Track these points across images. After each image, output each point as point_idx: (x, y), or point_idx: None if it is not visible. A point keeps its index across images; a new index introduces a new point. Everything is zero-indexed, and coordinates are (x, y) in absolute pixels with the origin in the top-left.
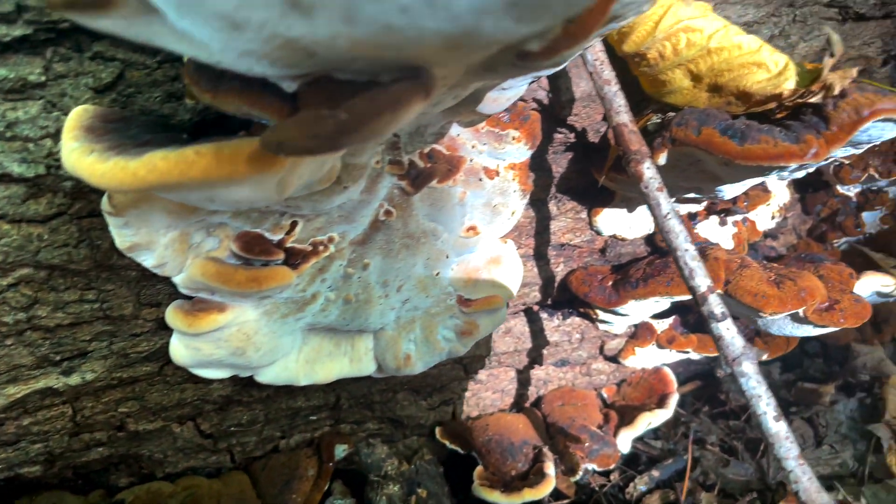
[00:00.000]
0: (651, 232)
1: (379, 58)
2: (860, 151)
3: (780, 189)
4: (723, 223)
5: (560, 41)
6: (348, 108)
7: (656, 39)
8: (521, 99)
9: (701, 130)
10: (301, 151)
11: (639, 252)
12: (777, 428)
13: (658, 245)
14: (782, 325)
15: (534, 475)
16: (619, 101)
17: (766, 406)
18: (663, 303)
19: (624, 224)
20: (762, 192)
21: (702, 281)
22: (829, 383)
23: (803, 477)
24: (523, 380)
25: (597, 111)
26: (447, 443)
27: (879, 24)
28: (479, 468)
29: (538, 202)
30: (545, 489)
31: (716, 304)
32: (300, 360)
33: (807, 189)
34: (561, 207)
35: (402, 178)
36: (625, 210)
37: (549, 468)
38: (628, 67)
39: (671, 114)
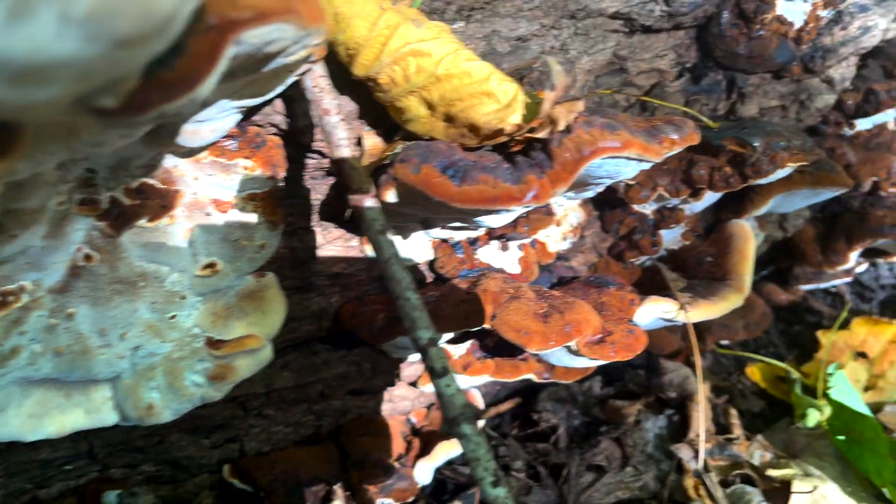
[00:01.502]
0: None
1: None
2: (605, 186)
3: (572, 208)
4: (504, 248)
5: (149, 95)
6: None
7: (384, 63)
8: (258, 124)
9: (420, 168)
10: None
11: (429, 277)
12: (496, 494)
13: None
14: (559, 356)
15: None
16: (340, 134)
17: (484, 471)
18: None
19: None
20: (544, 216)
21: (423, 333)
22: (639, 400)
23: None
24: (318, 411)
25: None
26: (236, 482)
27: (671, 35)
28: None
29: (301, 230)
30: None
31: (437, 359)
32: (22, 416)
33: (604, 206)
34: (327, 235)
35: (101, 219)
36: (399, 238)
37: None
38: None
39: (411, 144)
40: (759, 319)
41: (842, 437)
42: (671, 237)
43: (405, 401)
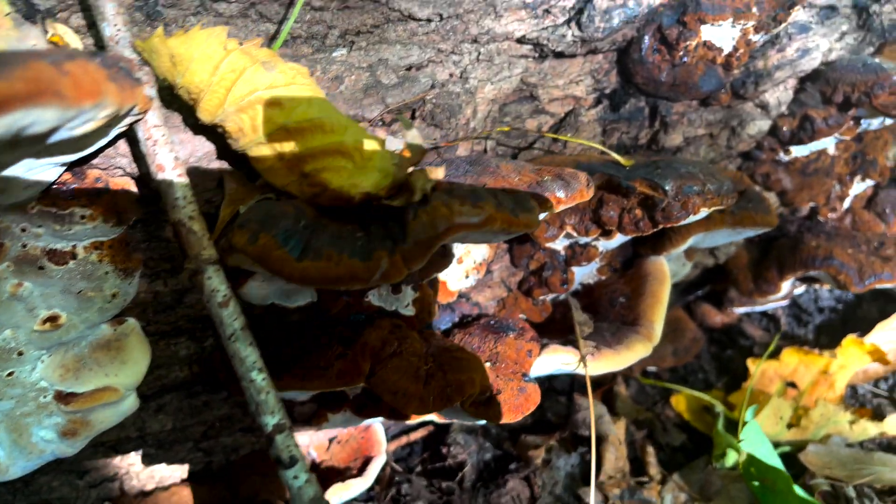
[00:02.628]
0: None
1: None
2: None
3: (476, 245)
4: (397, 290)
5: None
6: None
7: (229, 112)
8: (100, 167)
9: (258, 238)
10: None
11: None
12: None
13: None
14: (449, 411)
15: None
16: (176, 193)
17: None
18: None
19: (276, 294)
20: (439, 258)
21: (268, 419)
22: (553, 435)
23: None
24: (206, 448)
25: (206, 179)
26: None
27: (588, 59)
28: None
29: (164, 273)
30: None
31: (283, 448)
32: None
33: (513, 241)
34: None
35: None
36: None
37: None
38: None
39: (253, 206)
40: (689, 345)
41: (757, 483)
42: (586, 272)
43: (303, 435)
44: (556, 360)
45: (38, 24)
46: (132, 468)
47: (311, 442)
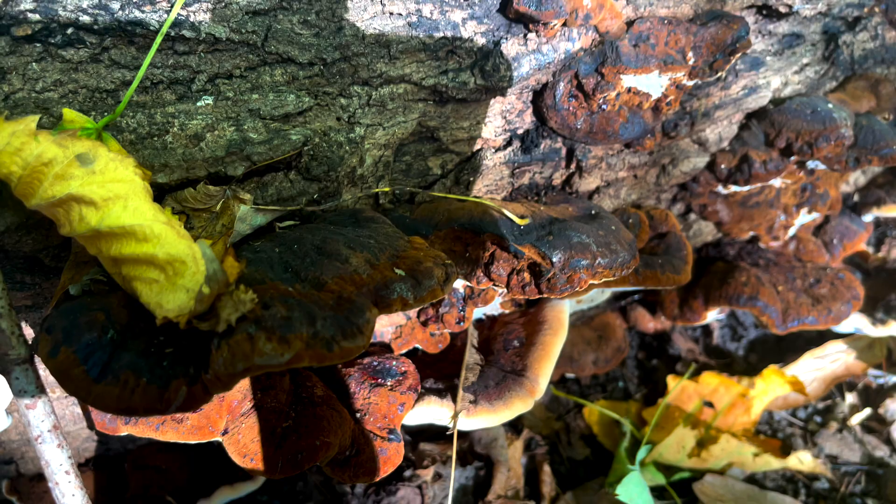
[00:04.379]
0: None
1: None
2: None
3: None
4: None
5: None
6: None
7: (43, 205)
8: None
9: (59, 351)
10: None
11: None
12: None
13: None
14: None
15: None
16: None
17: None
18: None
19: None
20: None
21: None
22: (448, 446)
23: None
24: (103, 437)
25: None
26: (14, 500)
27: (498, 100)
28: None
29: None
30: None
31: None
32: None
33: None
34: None
35: None
36: None
37: None
38: None
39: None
40: (611, 356)
41: None
42: (489, 306)
43: None
44: (430, 412)
45: None
46: (27, 453)
47: None
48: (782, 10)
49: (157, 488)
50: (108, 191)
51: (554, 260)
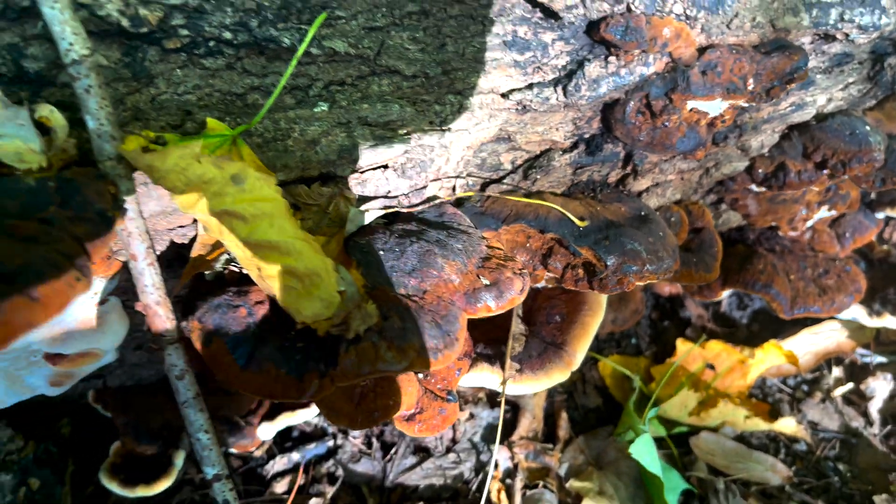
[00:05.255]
0: None
1: None
2: None
3: None
4: None
5: None
6: None
7: (198, 213)
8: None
9: (212, 341)
10: None
11: None
12: None
13: None
14: None
15: (162, 464)
16: (146, 281)
17: None
18: None
19: None
20: None
21: (210, 469)
22: (481, 389)
23: None
24: None
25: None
26: (99, 407)
27: (572, 110)
28: (117, 444)
29: None
30: (164, 484)
31: (219, 493)
32: None
33: None
34: None
35: None
36: None
37: (179, 458)
38: None
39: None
40: (629, 317)
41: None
42: (536, 284)
43: None
44: (482, 378)
45: (25, 106)
46: (115, 371)
47: None
48: (839, 37)
49: (227, 409)
50: (257, 209)
51: (608, 263)
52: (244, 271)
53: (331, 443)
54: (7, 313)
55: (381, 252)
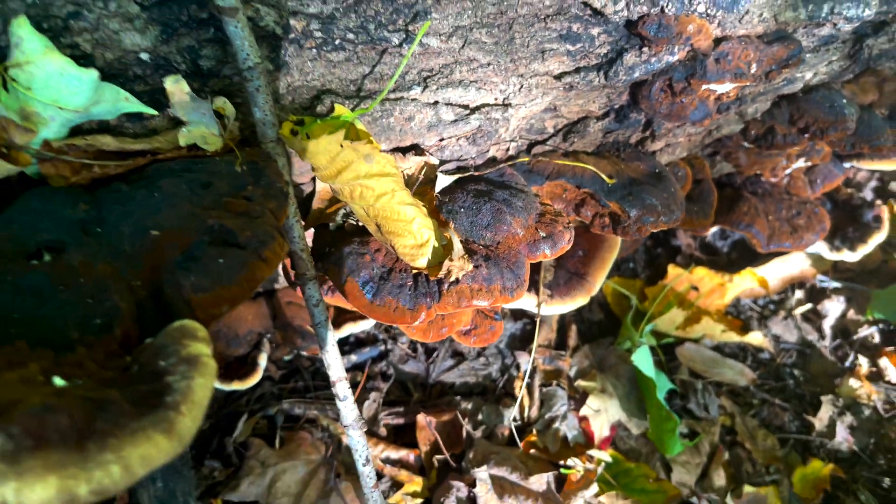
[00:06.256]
0: None
1: None
2: None
3: None
4: None
5: None
6: None
7: (337, 184)
8: None
9: (347, 280)
10: None
11: None
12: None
13: None
14: None
15: (249, 363)
16: (294, 233)
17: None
18: None
19: None
20: None
21: (332, 374)
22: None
23: None
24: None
25: (296, 181)
26: None
27: (608, 88)
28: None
29: None
30: (253, 379)
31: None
32: None
33: None
34: None
35: None
36: None
37: (262, 359)
38: None
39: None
40: (630, 245)
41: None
42: None
43: None
44: (522, 301)
45: (207, 99)
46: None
47: None
48: (828, 26)
49: (300, 320)
50: (380, 184)
51: (631, 215)
52: (360, 224)
53: (382, 347)
54: (251, 270)
55: (462, 210)
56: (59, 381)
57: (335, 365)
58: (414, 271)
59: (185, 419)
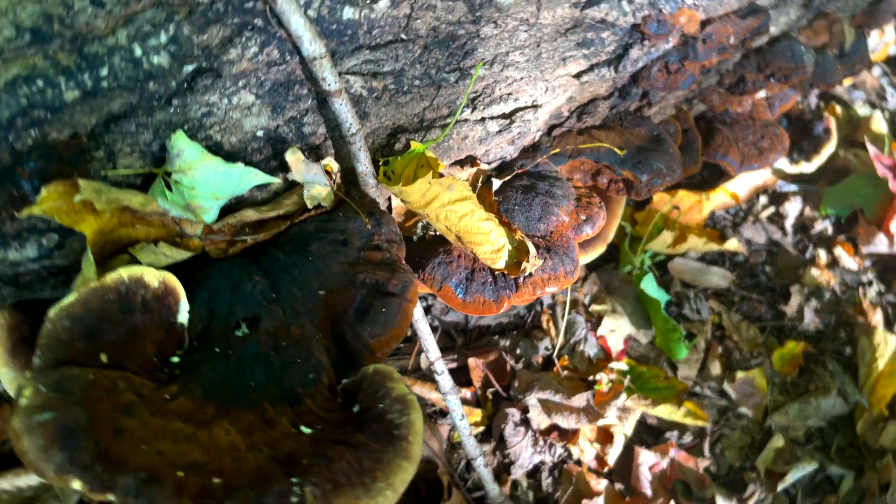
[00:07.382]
0: None
1: None
2: None
3: None
4: None
5: None
6: None
7: (425, 212)
8: None
9: (442, 286)
10: None
11: None
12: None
13: None
14: None
15: None
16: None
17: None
18: None
19: None
20: None
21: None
22: None
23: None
24: None
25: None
26: None
27: (616, 77)
28: None
29: None
30: None
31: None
32: None
33: None
34: None
35: None
36: None
37: None
38: None
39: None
40: None
41: (641, 290)
42: None
43: None
44: None
45: (317, 162)
46: None
47: None
48: None
49: None
50: (461, 207)
51: (642, 179)
52: (437, 233)
53: (424, 304)
54: (405, 312)
55: (516, 208)
56: (305, 429)
57: (432, 348)
58: (498, 273)
59: (414, 446)
